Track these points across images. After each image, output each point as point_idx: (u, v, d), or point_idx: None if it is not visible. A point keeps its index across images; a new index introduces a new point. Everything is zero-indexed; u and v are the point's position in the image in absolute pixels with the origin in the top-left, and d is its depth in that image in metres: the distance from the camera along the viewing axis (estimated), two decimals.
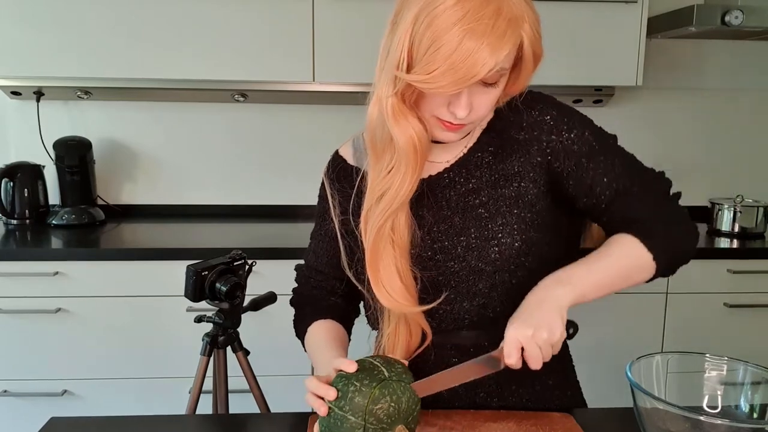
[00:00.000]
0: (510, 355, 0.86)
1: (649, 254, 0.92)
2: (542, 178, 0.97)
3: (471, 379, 0.91)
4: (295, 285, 1.16)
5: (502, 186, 0.97)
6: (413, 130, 0.89)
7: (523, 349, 0.86)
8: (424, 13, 0.81)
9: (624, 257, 0.93)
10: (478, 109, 0.88)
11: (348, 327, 1.11)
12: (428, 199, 0.98)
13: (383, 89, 0.88)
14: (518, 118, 0.98)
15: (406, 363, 0.92)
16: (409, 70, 0.84)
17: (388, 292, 0.94)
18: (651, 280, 0.96)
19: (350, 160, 1.06)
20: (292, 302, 1.15)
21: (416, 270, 0.97)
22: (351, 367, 0.85)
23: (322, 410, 0.85)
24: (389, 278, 0.94)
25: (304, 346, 1.10)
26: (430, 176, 0.99)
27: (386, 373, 0.86)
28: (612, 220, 0.97)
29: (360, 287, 1.02)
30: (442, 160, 1.00)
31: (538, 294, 0.89)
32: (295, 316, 1.13)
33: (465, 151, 1.00)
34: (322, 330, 1.06)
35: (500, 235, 0.96)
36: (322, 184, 1.08)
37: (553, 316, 0.86)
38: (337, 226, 1.03)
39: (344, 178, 1.04)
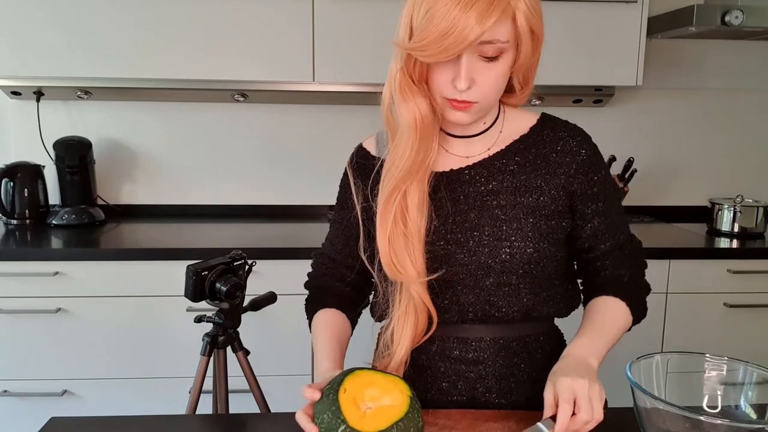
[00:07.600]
0: (566, 401, 0.83)
1: (628, 310, 1.04)
2: (561, 199, 1.01)
3: None
4: (310, 270, 1.19)
5: (522, 194, 1.00)
6: (416, 107, 0.94)
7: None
8: None
9: (618, 319, 1.03)
10: (482, 85, 0.91)
11: (354, 315, 1.14)
12: (447, 191, 1.01)
13: (393, 66, 0.95)
14: (555, 140, 1.01)
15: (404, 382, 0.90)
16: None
17: (393, 263, 0.97)
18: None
19: (373, 152, 1.09)
20: (306, 285, 1.18)
21: (427, 248, 0.99)
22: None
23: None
24: (396, 249, 0.97)
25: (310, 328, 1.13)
26: (452, 170, 1.02)
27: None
28: (603, 268, 1.06)
29: (371, 269, 1.05)
30: (462, 154, 1.03)
31: (574, 356, 0.93)
32: (307, 296, 1.16)
33: (490, 153, 1.02)
34: (324, 323, 1.08)
35: (513, 238, 0.98)
36: (345, 173, 1.11)
37: (592, 375, 0.88)
38: (359, 214, 1.06)
39: (367, 168, 1.07)
